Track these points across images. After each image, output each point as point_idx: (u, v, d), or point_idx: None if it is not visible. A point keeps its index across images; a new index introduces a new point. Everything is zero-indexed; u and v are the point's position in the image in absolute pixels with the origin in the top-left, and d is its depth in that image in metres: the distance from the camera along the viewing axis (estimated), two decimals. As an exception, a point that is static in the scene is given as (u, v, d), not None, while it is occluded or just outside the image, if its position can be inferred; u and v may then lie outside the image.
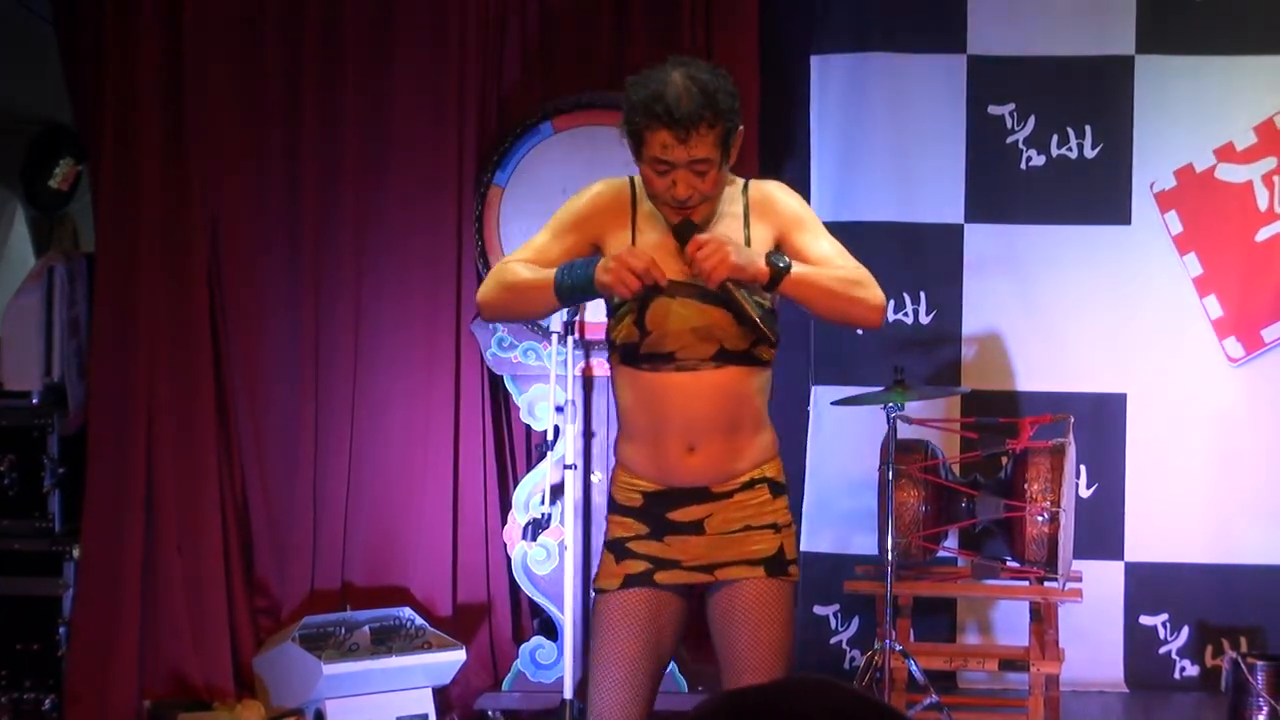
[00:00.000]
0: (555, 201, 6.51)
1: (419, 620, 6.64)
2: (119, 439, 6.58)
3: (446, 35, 6.94)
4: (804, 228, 4.14)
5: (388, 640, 6.50)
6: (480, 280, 6.73)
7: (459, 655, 6.48)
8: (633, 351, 4.06)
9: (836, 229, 7.32)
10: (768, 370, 4.15)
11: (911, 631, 6.95)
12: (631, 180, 4.18)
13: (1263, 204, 7.31)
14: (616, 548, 4.18)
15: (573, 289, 4.02)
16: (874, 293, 4.08)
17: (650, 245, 4.03)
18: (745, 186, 4.16)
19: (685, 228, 3.97)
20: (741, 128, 4.00)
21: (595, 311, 6.61)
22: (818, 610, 7.49)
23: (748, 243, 4.04)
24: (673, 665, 6.65)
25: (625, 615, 4.12)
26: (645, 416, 4.09)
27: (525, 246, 4.23)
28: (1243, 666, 6.73)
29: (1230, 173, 7.33)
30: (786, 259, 3.97)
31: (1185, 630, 7.34)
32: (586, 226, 4.17)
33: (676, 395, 4.04)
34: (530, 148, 6.64)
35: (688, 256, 3.93)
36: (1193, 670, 7.35)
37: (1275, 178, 7.30)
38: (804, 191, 7.40)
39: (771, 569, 4.13)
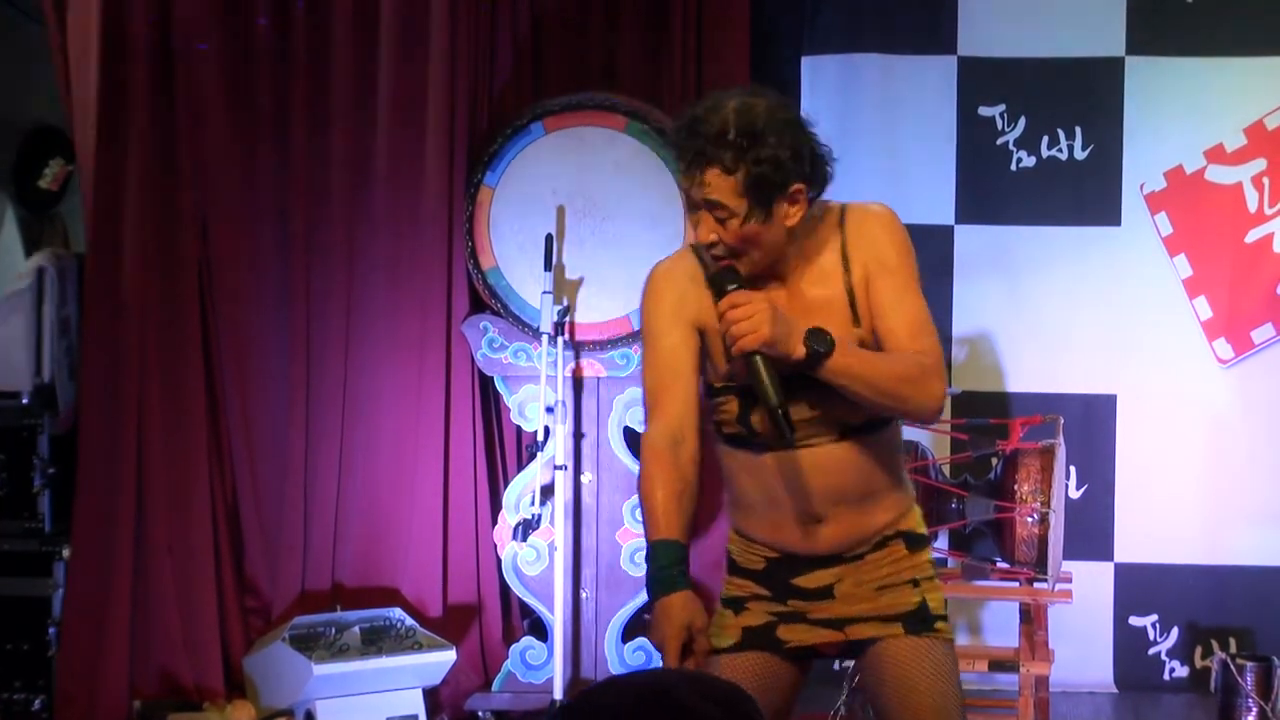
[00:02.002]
0: (546, 202, 6.61)
1: (409, 621, 6.63)
2: (109, 439, 6.57)
3: (437, 36, 6.93)
4: (888, 279, 3.52)
5: (378, 641, 6.50)
6: (471, 280, 6.75)
7: (449, 656, 6.47)
8: (740, 439, 3.65)
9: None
10: (896, 422, 3.67)
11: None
12: (693, 248, 3.66)
13: (1252, 205, 7.32)
14: (734, 604, 3.76)
15: (646, 578, 3.55)
16: (928, 389, 3.46)
17: None
18: (842, 216, 3.59)
19: (721, 279, 3.44)
20: (798, 186, 3.42)
21: (586, 312, 6.61)
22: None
23: (850, 289, 3.53)
24: (655, 651, 6.65)
25: (742, 678, 3.60)
26: (760, 493, 3.68)
27: (651, 396, 3.70)
28: (1232, 667, 6.76)
29: (1220, 174, 7.34)
30: (830, 341, 3.35)
31: (1175, 631, 7.35)
32: (680, 316, 3.62)
33: (794, 475, 3.59)
34: (521, 148, 6.64)
35: (718, 313, 3.38)
36: (1182, 671, 7.36)
37: (1265, 179, 7.31)
38: (794, 192, 7.42)
39: (911, 626, 3.66)
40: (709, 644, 3.45)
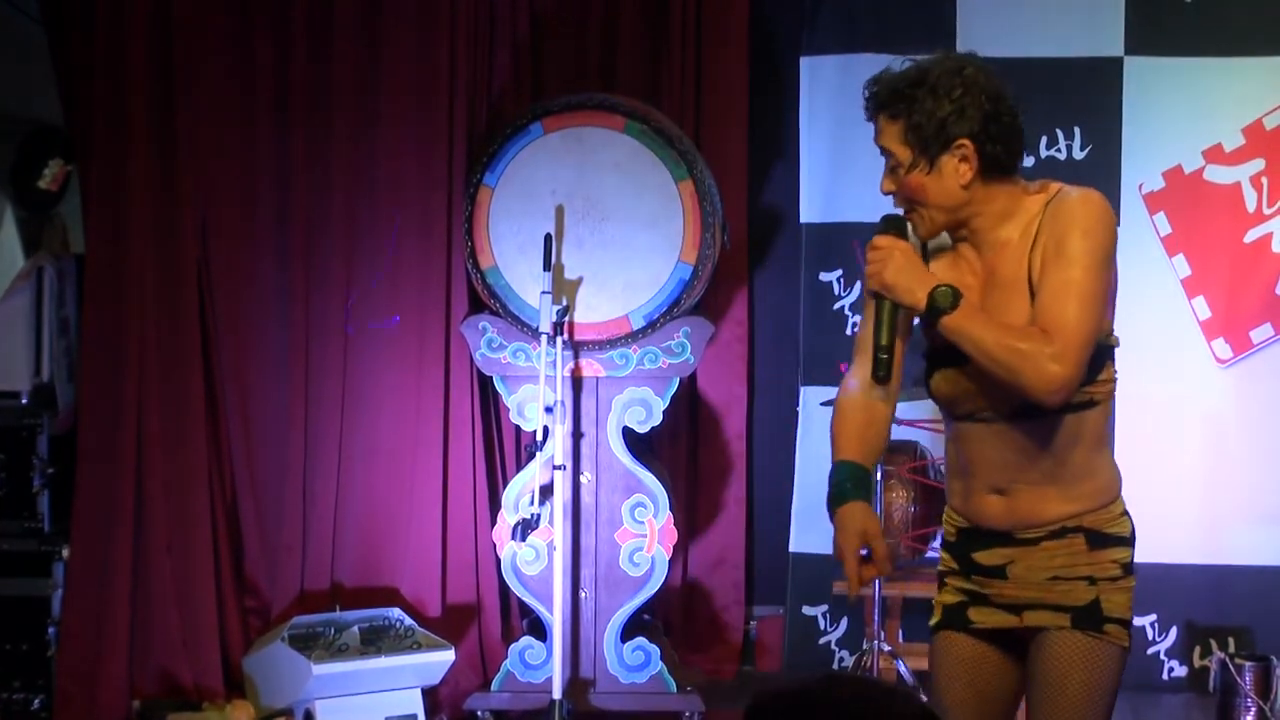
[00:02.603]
0: (545, 202, 6.61)
1: (408, 620, 6.64)
2: (108, 439, 6.57)
3: (436, 36, 6.94)
4: (1059, 256, 3.50)
5: (377, 640, 6.50)
6: (470, 280, 6.76)
7: (448, 655, 6.47)
8: (941, 405, 3.77)
9: (825, 230, 7.47)
10: (1091, 411, 3.62)
11: (900, 632, 6.98)
12: (904, 218, 3.66)
13: (1251, 205, 7.32)
14: (940, 579, 3.87)
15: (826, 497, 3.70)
16: (1041, 368, 3.41)
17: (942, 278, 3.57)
18: (1053, 196, 3.59)
19: (884, 222, 3.64)
20: (963, 142, 3.49)
21: (584, 312, 6.62)
22: (806, 611, 7.50)
23: (1029, 268, 3.52)
24: (660, 666, 6.66)
25: (950, 661, 3.77)
26: (956, 460, 3.77)
27: (859, 348, 3.79)
28: (1230, 667, 6.76)
29: (1219, 174, 7.33)
30: (954, 297, 3.45)
31: (1174, 631, 7.35)
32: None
33: (979, 445, 3.66)
34: (520, 148, 6.62)
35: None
36: (1181, 671, 7.36)
37: (1263, 179, 7.31)
38: (793, 192, 7.47)
39: (1080, 621, 3.63)
40: (886, 548, 3.58)
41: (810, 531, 7.45)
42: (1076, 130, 7.35)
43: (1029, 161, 7.33)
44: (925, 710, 1.87)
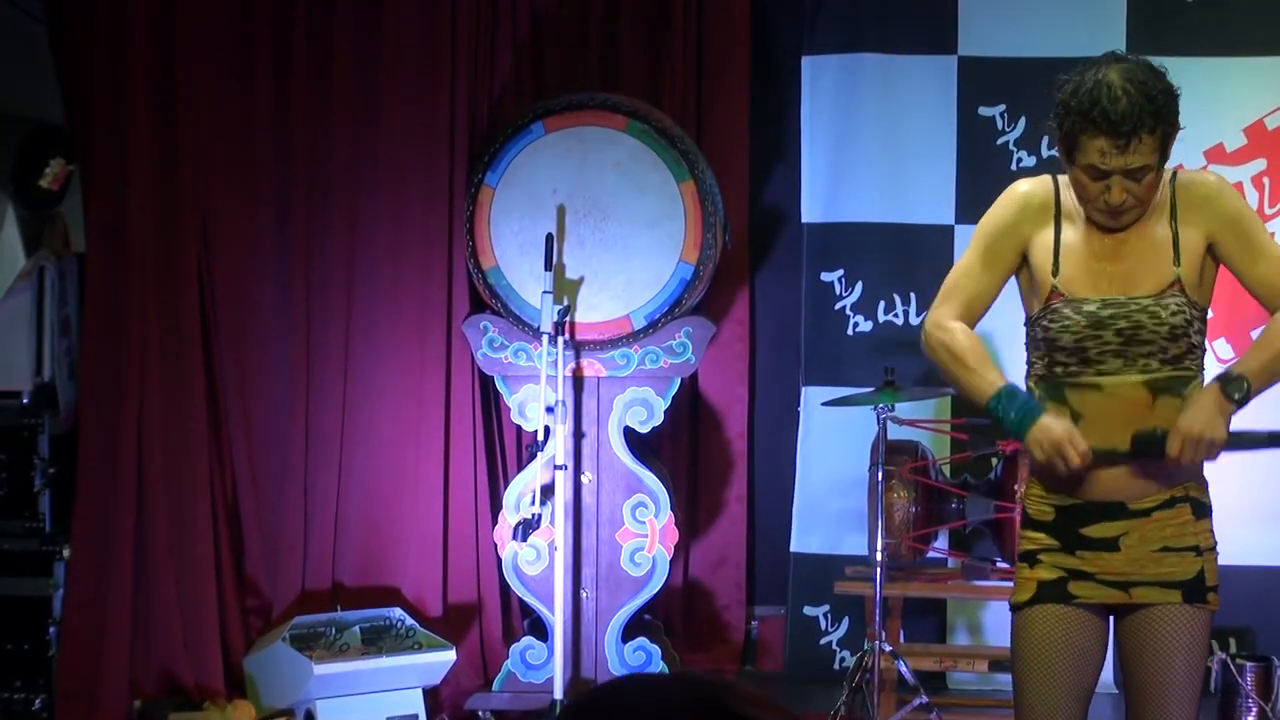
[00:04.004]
0: (546, 203, 6.61)
1: (409, 620, 6.64)
2: (110, 439, 6.57)
3: (438, 35, 6.94)
4: (1240, 238, 3.91)
5: (378, 640, 6.50)
6: (471, 280, 6.75)
7: (449, 655, 6.47)
8: (1057, 363, 3.96)
9: (828, 230, 7.47)
10: (1199, 377, 3.94)
11: (901, 632, 6.98)
12: (1054, 177, 4.01)
13: (1252, 205, 7.31)
14: (1028, 558, 4.01)
15: (1001, 422, 3.93)
16: None
17: (1071, 246, 3.93)
18: (1173, 176, 3.95)
19: (1149, 444, 3.82)
20: (1182, 127, 3.87)
21: (586, 312, 6.62)
22: (808, 611, 7.49)
23: (1175, 237, 3.89)
24: (662, 666, 6.66)
25: (1044, 630, 3.97)
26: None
27: (956, 286, 4.08)
28: (1232, 667, 6.75)
29: (1221, 174, 7.31)
30: (1245, 385, 3.83)
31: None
32: (1013, 236, 4.00)
33: (1099, 406, 3.89)
34: (521, 148, 6.61)
35: (1169, 463, 3.81)
36: (1183, 671, 7.34)
37: (1265, 179, 7.31)
38: (794, 192, 7.46)
39: (1190, 595, 3.88)
40: (1084, 442, 3.83)
41: (811, 531, 7.44)
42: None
43: (1031, 161, 7.34)
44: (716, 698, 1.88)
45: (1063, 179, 3.97)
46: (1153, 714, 3.93)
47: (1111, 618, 4.00)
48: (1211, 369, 7.17)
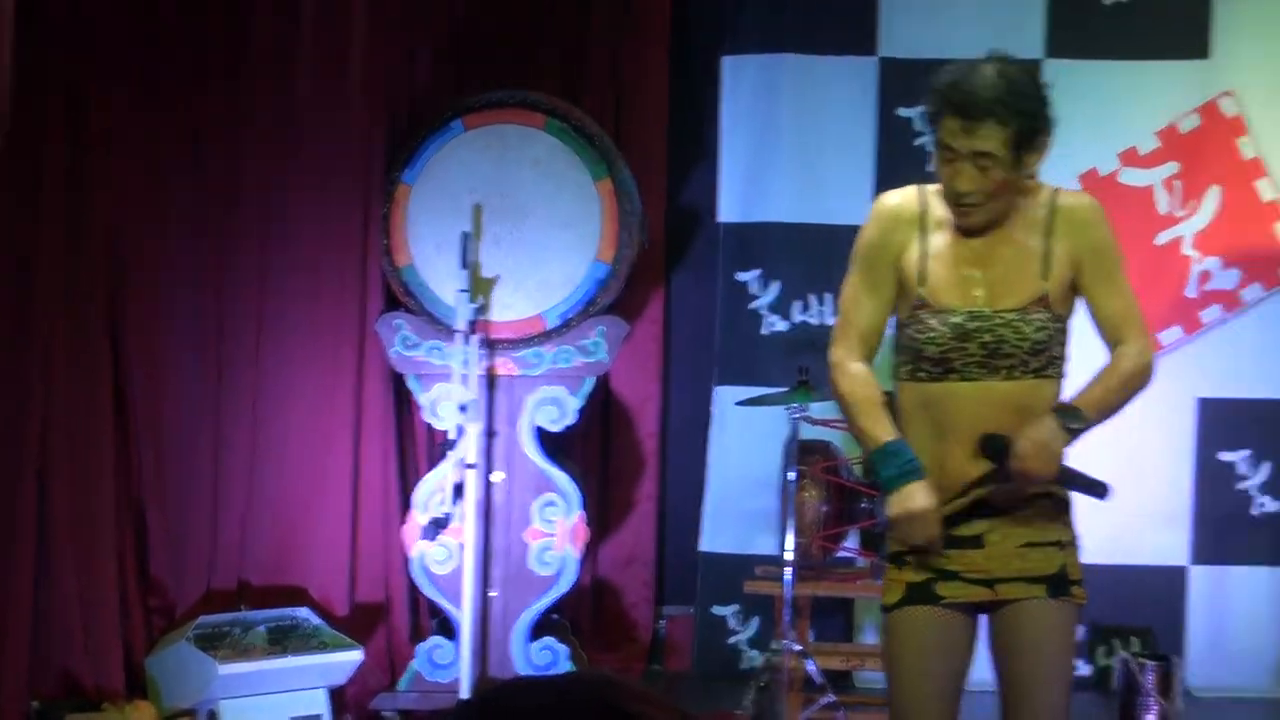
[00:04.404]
0: (463, 200, 6.54)
1: (316, 620, 6.58)
2: (13, 435, 6.41)
3: (356, 32, 6.84)
4: (1100, 270, 4.02)
5: (284, 640, 6.44)
6: (386, 279, 6.68)
7: (355, 655, 6.43)
8: (921, 370, 4.03)
9: (745, 229, 7.45)
10: (1058, 383, 4.05)
11: (810, 631, 6.98)
12: (921, 188, 4.07)
13: (1163, 208, 7.38)
14: (896, 559, 4.09)
15: (876, 475, 4.04)
16: (1145, 376, 4.11)
17: (937, 252, 3.99)
18: (1054, 196, 4.03)
19: (994, 447, 3.93)
20: (1047, 137, 3.92)
21: (500, 311, 6.57)
22: (716, 610, 7.49)
23: (1046, 256, 3.97)
24: (569, 666, 6.63)
25: (913, 632, 4.04)
26: (930, 427, 4.03)
27: (848, 320, 4.11)
28: (1133, 666, 6.81)
29: (1133, 177, 7.39)
30: (1081, 417, 3.95)
31: (1079, 631, 7.37)
32: (886, 252, 4.04)
33: (960, 407, 3.98)
34: (440, 146, 6.58)
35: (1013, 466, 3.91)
36: (1085, 670, 7.41)
37: (1176, 182, 7.37)
38: (712, 191, 7.45)
39: (1054, 589, 4.02)
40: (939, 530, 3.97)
41: (721, 531, 7.44)
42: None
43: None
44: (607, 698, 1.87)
45: (931, 188, 4.03)
46: (1024, 708, 4.02)
47: (982, 616, 4.08)
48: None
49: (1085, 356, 4.46)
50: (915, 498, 3.95)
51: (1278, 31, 7.31)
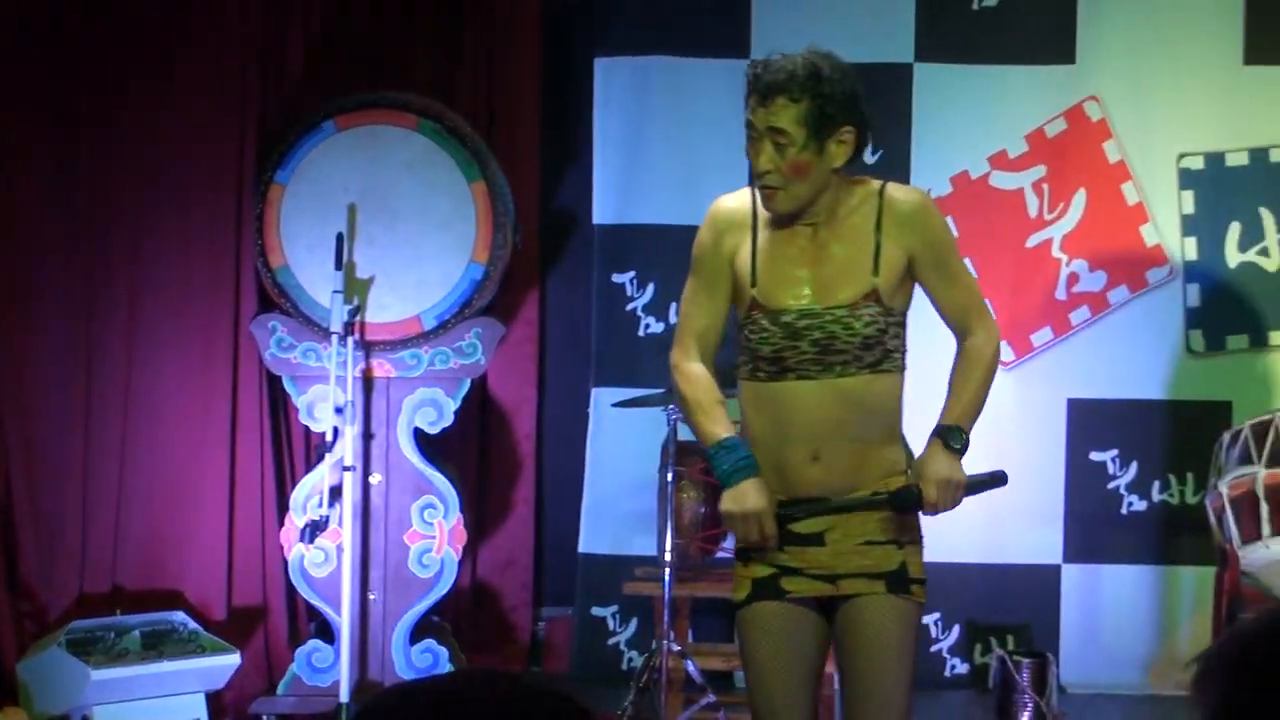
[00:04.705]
0: (338, 200, 6.53)
1: (192, 624, 6.53)
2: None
3: (227, 30, 6.82)
4: (938, 264, 4.11)
5: (159, 645, 6.39)
6: (260, 279, 6.65)
7: (233, 659, 6.38)
8: (758, 369, 4.10)
9: (620, 231, 7.47)
10: (898, 376, 4.15)
11: (690, 632, 7.01)
12: (752, 187, 4.15)
13: (1033, 211, 7.46)
14: (743, 555, 4.16)
15: (715, 470, 4.12)
16: (996, 361, 4.19)
17: (767, 253, 4.07)
18: (882, 190, 4.11)
19: (906, 500, 4.04)
20: (849, 128, 3.99)
21: (376, 312, 6.56)
22: (596, 611, 7.50)
23: (876, 253, 4.04)
24: (449, 668, 6.63)
25: (762, 626, 4.12)
26: (769, 425, 4.09)
27: (687, 321, 4.22)
28: (1009, 664, 6.89)
29: (1003, 180, 7.47)
30: (964, 435, 4.11)
31: (956, 629, 7.46)
32: (717, 255, 4.14)
33: (798, 402, 4.05)
34: (312, 146, 6.54)
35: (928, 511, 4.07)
36: (963, 668, 7.48)
37: (1045, 185, 7.45)
38: (586, 193, 7.46)
39: (893, 585, 4.07)
40: (774, 528, 4.04)
41: (599, 532, 7.45)
42: (868, 135, 7.41)
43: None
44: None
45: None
46: (863, 704, 4.08)
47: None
48: (994, 384, 7.36)
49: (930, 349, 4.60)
50: (748, 496, 4.03)
51: (1141, 38, 7.41)
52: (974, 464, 7.29)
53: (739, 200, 4.17)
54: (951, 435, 4.08)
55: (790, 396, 4.04)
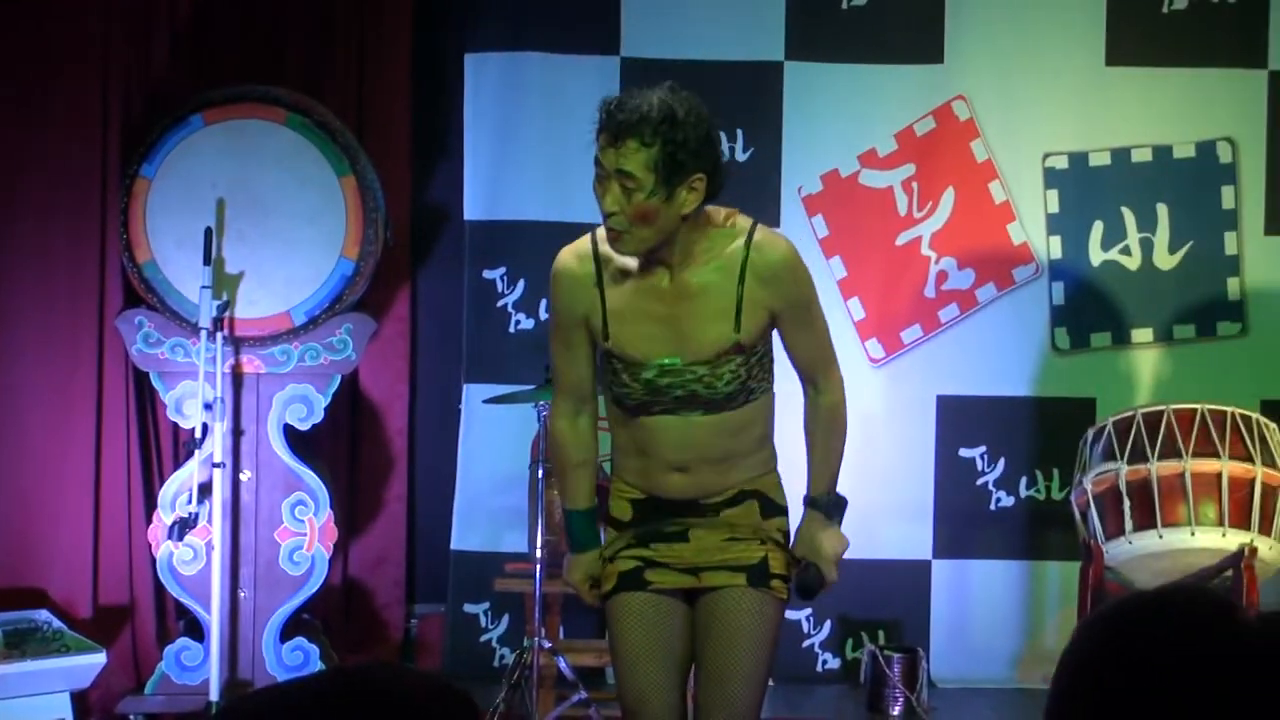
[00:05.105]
0: (206, 195, 6.47)
1: (57, 623, 6.44)
2: None
3: (89, 20, 6.74)
4: (798, 319, 4.08)
5: (22, 643, 6.29)
6: (125, 275, 6.59)
7: (99, 658, 6.30)
8: (621, 400, 4.12)
9: (491, 227, 7.47)
10: (764, 398, 4.16)
11: (561, 629, 7.01)
12: (594, 236, 4.08)
13: (902, 209, 7.52)
14: (611, 554, 4.23)
15: (567, 532, 4.35)
16: (843, 403, 4.22)
17: (621, 304, 4.03)
18: (750, 236, 4.03)
19: (811, 586, 4.19)
20: (700, 176, 3.89)
21: (246, 308, 6.52)
22: (468, 609, 7.48)
23: (739, 301, 3.99)
24: (320, 666, 6.60)
25: (628, 614, 4.18)
26: (634, 444, 4.15)
27: (560, 377, 4.23)
28: (880, 659, 6.96)
29: (873, 178, 7.52)
30: (838, 500, 4.22)
31: (827, 624, 7.51)
32: (571, 314, 4.11)
33: (662, 433, 4.07)
34: (179, 140, 6.48)
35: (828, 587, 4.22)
36: (834, 663, 7.53)
37: (914, 184, 7.52)
38: (457, 189, 7.44)
39: (754, 579, 4.11)
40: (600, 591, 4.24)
41: (471, 529, 7.44)
42: (739, 133, 7.47)
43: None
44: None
45: (602, 232, 4.03)
46: (717, 694, 4.13)
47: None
48: (855, 371, 7.41)
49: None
50: (574, 570, 4.30)
51: (1007, 39, 7.49)
52: (845, 461, 7.39)
53: (579, 257, 4.10)
54: (831, 507, 4.20)
55: (654, 428, 4.07)
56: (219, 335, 6.34)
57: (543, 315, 7.46)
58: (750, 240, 4.01)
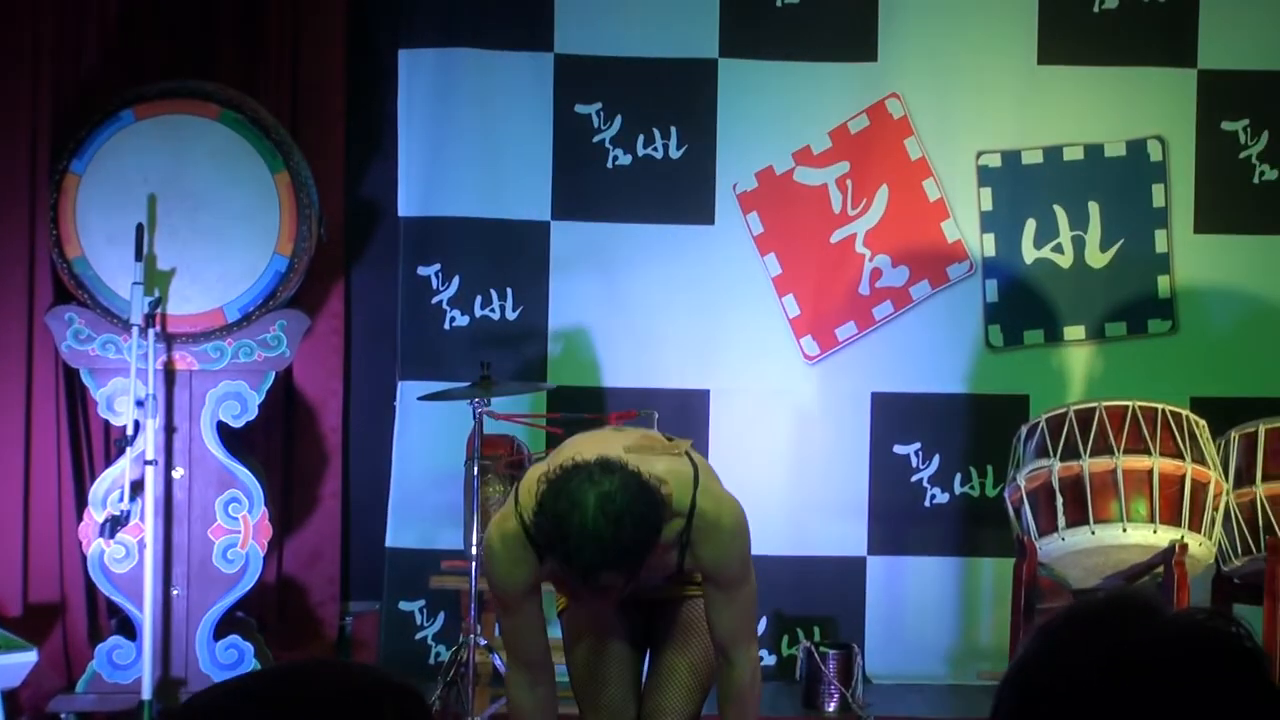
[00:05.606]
0: (137, 191, 6.44)
1: (-14, 622, 6.42)
2: None
3: (17, 13, 6.68)
4: (725, 593, 4.12)
5: (-49, 643, 6.27)
6: (55, 271, 6.54)
7: (29, 657, 6.25)
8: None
9: (425, 224, 7.45)
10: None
11: (496, 625, 7.00)
12: (520, 517, 3.97)
13: (836, 206, 7.54)
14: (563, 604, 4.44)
15: None
16: (758, 678, 4.27)
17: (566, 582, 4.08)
18: (691, 516, 4.05)
19: None
20: (659, 544, 3.87)
21: (178, 304, 6.49)
22: (403, 606, 7.46)
23: (679, 568, 4.09)
24: (254, 664, 6.58)
25: (582, 624, 4.33)
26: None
27: (511, 648, 4.24)
28: (815, 655, 6.98)
29: (807, 175, 7.54)
30: None
31: (763, 621, 7.52)
32: (514, 585, 4.06)
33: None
34: (110, 135, 6.44)
35: None
36: (770, 660, 7.53)
37: (848, 181, 7.54)
38: (391, 185, 7.43)
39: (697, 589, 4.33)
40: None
41: (406, 527, 7.42)
42: (673, 130, 7.47)
43: (626, 159, 7.45)
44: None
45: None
46: (658, 684, 4.31)
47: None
48: (790, 368, 7.42)
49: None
50: None
51: (940, 37, 7.51)
52: (781, 458, 7.44)
53: (510, 541, 4.02)
54: None
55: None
56: (151, 332, 6.31)
57: (478, 313, 7.46)
58: (693, 519, 4.04)
